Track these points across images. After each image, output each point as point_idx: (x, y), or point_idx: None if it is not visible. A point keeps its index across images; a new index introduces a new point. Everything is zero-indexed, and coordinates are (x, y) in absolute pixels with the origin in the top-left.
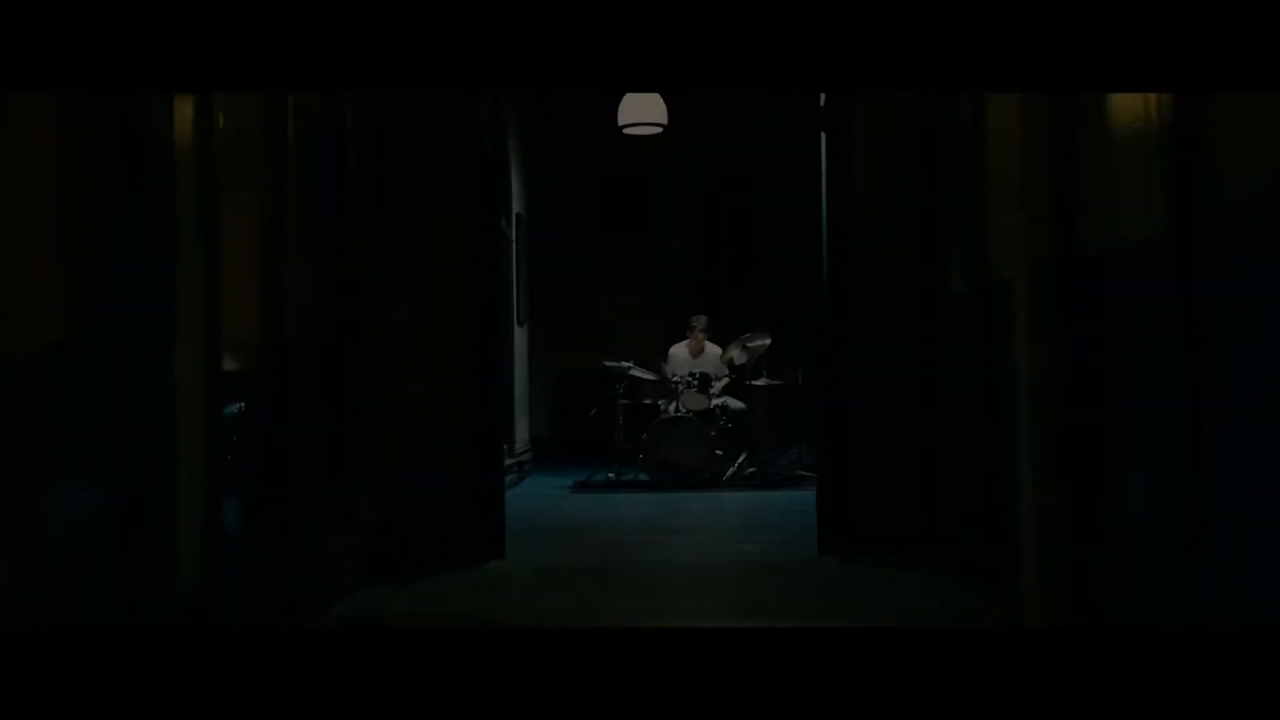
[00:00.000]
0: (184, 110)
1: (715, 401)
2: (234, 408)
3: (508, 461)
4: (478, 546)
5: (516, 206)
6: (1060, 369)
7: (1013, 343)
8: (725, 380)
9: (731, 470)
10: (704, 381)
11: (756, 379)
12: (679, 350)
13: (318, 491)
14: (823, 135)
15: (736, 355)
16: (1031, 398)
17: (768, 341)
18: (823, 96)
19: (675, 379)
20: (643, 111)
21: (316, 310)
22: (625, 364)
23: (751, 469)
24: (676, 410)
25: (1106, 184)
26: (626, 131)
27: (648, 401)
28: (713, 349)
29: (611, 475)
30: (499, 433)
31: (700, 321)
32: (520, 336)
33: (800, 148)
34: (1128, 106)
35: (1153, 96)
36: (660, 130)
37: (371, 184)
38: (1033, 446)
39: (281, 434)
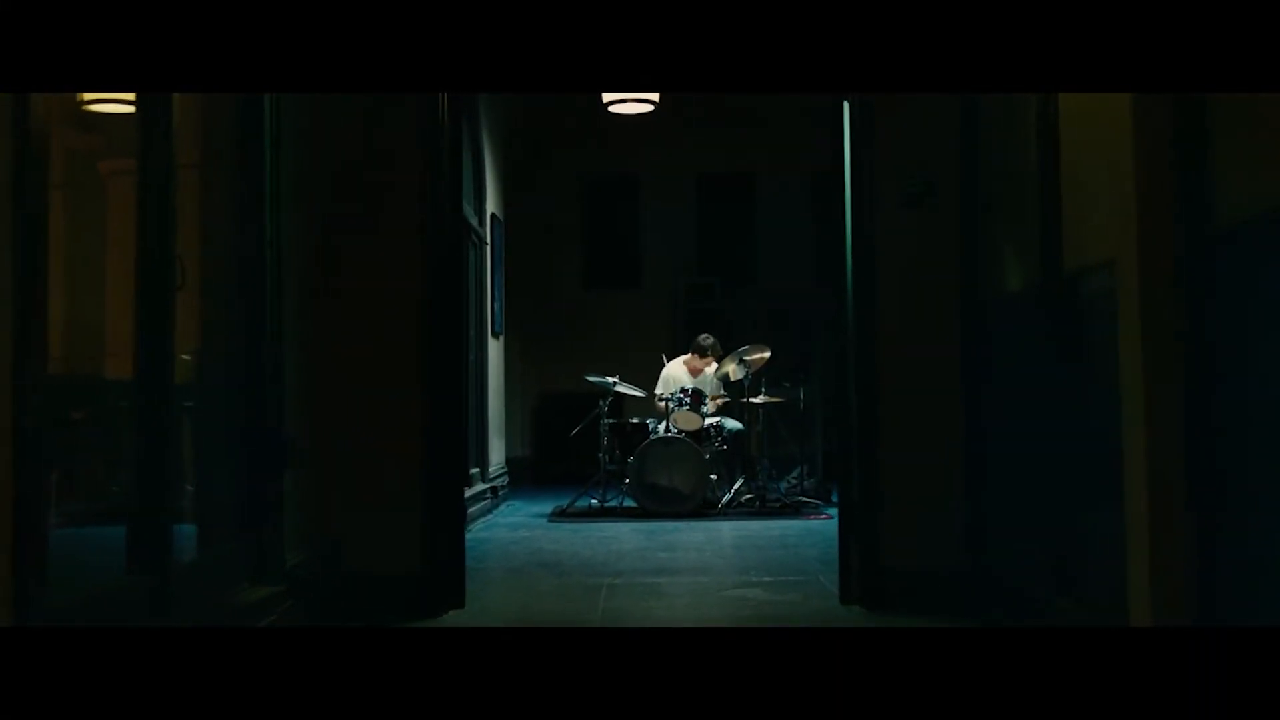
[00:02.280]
0: None
1: (709, 420)
2: None
3: (481, 487)
4: (432, 595)
5: (492, 207)
6: (1184, 366)
7: (1104, 341)
8: (721, 398)
9: (727, 496)
10: (696, 399)
11: (754, 396)
12: (675, 366)
13: (226, 533)
14: (845, 105)
15: (733, 370)
16: (1148, 403)
17: (766, 355)
18: None
19: (663, 398)
20: None
21: (222, 312)
22: (610, 379)
23: (749, 495)
24: (667, 430)
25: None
26: (612, 110)
27: (635, 420)
28: (710, 365)
29: (595, 501)
30: (459, 460)
31: (708, 340)
32: (496, 349)
33: (802, 145)
34: None
35: None
36: (651, 109)
37: (296, 164)
38: (1149, 463)
39: (160, 459)
